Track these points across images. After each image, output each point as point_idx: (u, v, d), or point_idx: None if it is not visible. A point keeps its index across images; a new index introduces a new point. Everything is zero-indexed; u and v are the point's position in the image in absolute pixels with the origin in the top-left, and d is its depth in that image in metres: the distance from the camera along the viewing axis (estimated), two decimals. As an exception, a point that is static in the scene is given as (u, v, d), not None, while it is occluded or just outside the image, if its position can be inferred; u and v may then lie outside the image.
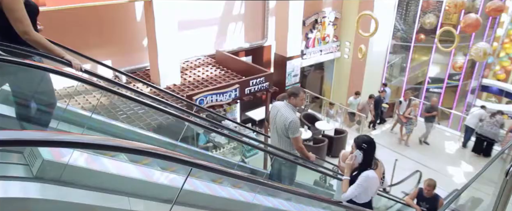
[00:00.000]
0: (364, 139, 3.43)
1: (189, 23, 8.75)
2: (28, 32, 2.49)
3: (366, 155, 3.40)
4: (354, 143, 3.43)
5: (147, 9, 7.26)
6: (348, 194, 3.41)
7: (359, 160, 3.40)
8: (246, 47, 10.21)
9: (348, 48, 13.11)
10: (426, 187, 5.58)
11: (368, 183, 3.39)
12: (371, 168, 3.43)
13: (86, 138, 1.52)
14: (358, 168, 3.47)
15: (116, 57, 8.01)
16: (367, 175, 3.38)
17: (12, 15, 2.43)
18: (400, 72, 14.26)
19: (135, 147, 1.62)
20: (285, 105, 4.33)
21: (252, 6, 9.95)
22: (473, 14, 9.83)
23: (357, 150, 3.38)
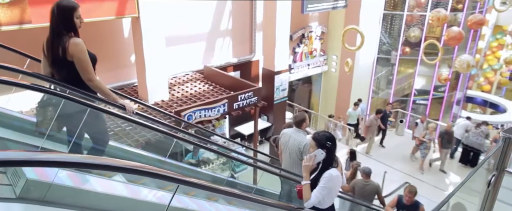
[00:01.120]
0: (326, 136, 3.09)
1: (176, 39, 8.78)
2: (92, 79, 2.97)
3: (329, 153, 3.08)
4: (314, 141, 3.06)
5: (134, 25, 7.27)
6: (313, 199, 3.03)
7: (320, 159, 3.07)
8: (234, 62, 10.25)
9: (335, 62, 13.28)
10: (407, 194, 5.40)
11: (332, 182, 3.07)
12: (333, 166, 3.12)
13: (70, 157, 1.50)
14: (318, 168, 3.14)
15: (103, 74, 7.91)
16: (330, 174, 3.04)
17: (80, 65, 2.88)
18: (387, 85, 14.45)
19: (121, 165, 1.60)
20: (295, 131, 4.77)
21: (239, 21, 10.05)
22: (455, 27, 10.10)
23: (319, 149, 3.03)
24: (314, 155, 3.03)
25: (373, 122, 10.93)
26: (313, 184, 3.08)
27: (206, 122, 7.73)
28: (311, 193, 3.03)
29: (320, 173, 3.09)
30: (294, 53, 12.15)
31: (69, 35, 2.88)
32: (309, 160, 3.06)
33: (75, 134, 3.04)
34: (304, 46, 12.35)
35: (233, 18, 9.89)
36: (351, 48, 9.89)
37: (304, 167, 3.07)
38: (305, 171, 3.08)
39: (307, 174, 3.08)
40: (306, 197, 3.03)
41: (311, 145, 3.08)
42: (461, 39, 9.59)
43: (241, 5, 9.91)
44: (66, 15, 2.88)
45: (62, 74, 2.94)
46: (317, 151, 3.02)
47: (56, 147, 3.08)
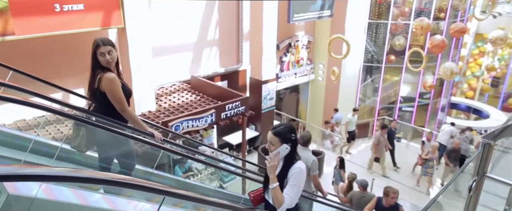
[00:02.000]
0: (289, 127, 2.79)
1: (163, 49, 8.76)
2: (125, 110, 3.24)
3: (293, 147, 2.76)
4: (277, 137, 2.71)
5: (120, 36, 7.24)
6: (288, 201, 2.69)
7: (284, 155, 2.74)
8: (221, 72, 10.26)
9: (322, 71, 13.40)
10: (391, 195, 5.29)
11: (303, 176, 2.78)
12: (296, 159, 2.81)
13: (53, 171, 1.48)
14: (282, 165, 2.80)
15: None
16: (299, 168, 2.74)
17: (112, 97, 3.17)
18: (373, 93, 14.62)
19: (105, 178, 1.58)
20: (302, 149, 4.99)
21: (226, 31, 10.09)
22: (438, 35, 10.31)
23: (284, 144, 2.70)
24: (278, 152, 2.69)
25: (380, 139, 10.34)
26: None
27: (194, 132, 7.69)
28: (283, 195, 2.68)
29: (284, 170, 2.76)
30: (281, 62, 12.23)
31: (104, 70, 3.22)
32: (273, 158, 2.69)
33: (104, 155, 3.45)
34: (291, 55, 12.45)
35: (220, 28, 9.93)
36: (337, 57, 10.01)
37: (270, 168, 2.70)
38: (272, 172, 2.71)
39: (274, 176, 2.72)
40: (280, 200, 2.67)
41: (272, 142, 2.72)
42: (444, 47, 9.79)
43: (227, 15, 9.96)
44: (93, 51, 3.26)
45: (96, 103, 3.32)
46: (281, 146, 2.69)
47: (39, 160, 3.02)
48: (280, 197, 2.67)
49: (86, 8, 6.35)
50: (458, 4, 13.12)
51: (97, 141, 3.40)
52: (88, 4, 6.35)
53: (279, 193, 2.68)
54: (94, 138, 3.33)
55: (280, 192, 2.68)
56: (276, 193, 2.68)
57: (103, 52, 3.22)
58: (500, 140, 3.42)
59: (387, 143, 10.45)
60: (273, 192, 2.69)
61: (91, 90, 3.28)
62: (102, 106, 3.25)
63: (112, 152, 3.45)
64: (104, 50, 3.22)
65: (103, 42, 3.24)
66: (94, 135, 3.27)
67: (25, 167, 1.78)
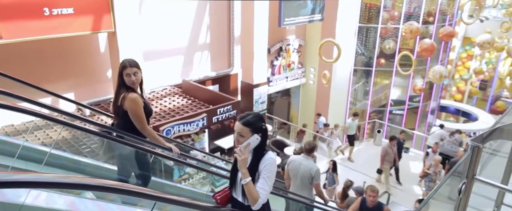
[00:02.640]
0: (259, 116, 2.57)
1: (154, 53, 8.72)
2: (144, 128, 3.42)
3: (264, 137, 2.53)
4: (247, 127, 2.46)
5: (111, 40, 7.20)
6: (264, 196, 2.45)
7: (254, 146, 2.49)
8: (212, 76, 10.25)
9: (313, 74, 13.45)
10: (370, 194, 5.09)
11: (275, 167, 2.56)
12: (269, 150, 2.60)
13: (41, 177, 1.45)
14: (252, 157, 2.55)
15: (79, 90, 7.80)
16: (272, 158, 2.51)
17: (133, 117, 3.35)
18: (364, 96, 14.73)
19: (95, 184, 1.56)
20: (304, 158, 5.15)
21: (217, 35, 10.09)
22: (427, 39, 10.43)
23: (255, 134, 2.46)
24: (248, 143, 2.44)
25: (388, 151, 9.78)
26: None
27: (185, 136, 7.65)
28: (256, 190, 2.44)
29: (254, 162, 2.52)
30: (272, 66, 12.25)
31: (128, 90, 3.38)
32: (244, 151, 2.43)
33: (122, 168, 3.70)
34: (282, 59, 12.49)
35: (211, 32, 9.93)
36: (328, 61, 10.05)
37: (241, 162, 2.42)
38: (243, 166, 2.43)
39: (246, 170, 2.45)
40: (254, 196, 2.41)
41: (242, 133, 2.47)
42: (433, 50, 9.89)
43: (218, 19, 9.97)
44: (120, 71, 3.41)
45: (119, 120, 3.49)
46: (251, 137, 2.45)
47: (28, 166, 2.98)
48: (255, 192, 2.41)
49: (76, 12, 6.30)
50: (446, 9, 13.30)
51: (118, 154, 3.65)
52: (78, 8, 6.31)
53: (253, 189, 2.41)
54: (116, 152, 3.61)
55: (254, 187, 2.42)
56: (249, 189, 2.41)
57: (129, 73, 3.38)
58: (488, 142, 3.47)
59: (396, 156, 9.89)
60: (246, 188, 2.42)
61: (115, 107, 3.46)
62: (124, 123, 3.44)
63: (131, 165, 3.68)
64: (130, 71, 3.38)
65: (130, 63, 3.42)
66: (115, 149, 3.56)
67: (13, 174, 1.75)
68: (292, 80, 13.19)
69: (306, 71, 13.57)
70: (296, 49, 12.86)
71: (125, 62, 3.43)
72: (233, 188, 2.59)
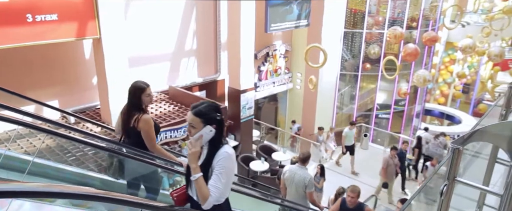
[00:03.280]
0: (214, 106, 2.35)
1: (140, 60, 8.66)
2: (154, 146, 3.57)
3: (219, 128, 2.33)
4: (199, 117, 2.26)
5: (96, 47, 7.12)
6: (216, 194, 2.22)
7: (208, 139, 2.29)
8: (199, 82, 10.22)
9: (299, 79, 13.54)
10: (350, 194, 5.01)
11: (232, 163, 2.34)
12: (223, 144, 2.36)
13: (23, 186, 1.43)
14: (207, 152, 2.34)
15: (63, 97, 7.69)
16: (227, 153, 2.29)
17: (146, 137, 3.49)
18: (350, 100, 14.87)
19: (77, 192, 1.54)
20: (299, 168, 5.39)
21: (204, 41, 10.08)
22: (411, 44, 10.61)
23: (207, 125, 2.25)
24: (200, 136, 2.23)
25: (389, 162, 9.44)
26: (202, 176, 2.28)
27: (172, 143, 7.60)
28: (208, 187, 2.23)
29: (208, 157, 2.31)
30: (259, 71, 12.29)
31: (141, 111, 3.50)
32: (195, 144, 2.23)
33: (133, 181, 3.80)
34: (269, 65, 12.54)
35: (198, 38, 9.92)
36: (314, 66, 10.13)
37: (191, 156, 2.23)
38: (194, 160, 2.24)
39: (197, 165, 2.24)
40: (204, 194, 2.19)
41: (193, 124, 2.26)
42: (417, 55, 10.05)
43: (205, 25, 9.97)
44: (138, 93, 3.52)
45: (130, 138, 3.59)
46: (204, 129, 2.24)
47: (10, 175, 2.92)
48: (205, 190, 2.19)
49: (60, 18, 6.22)
50: (429, 14, 13.57)
51: (128, 169, 3.77)
52: (62, 14, 6.23)
53: (203, 186, 2.20)
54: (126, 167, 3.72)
55: (205, 184, 2.21)
56: (199, 185, 2.20)
57: (149, 93, 3.55)
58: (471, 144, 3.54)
59: (397, 167, 9.58)
60: (196, 185, 2.22)
61: (125, 128, 3.55)
62: (138, 142, 3.55)
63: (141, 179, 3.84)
64: (150, 91, 3.56)
65: (146, 84, 3.59)
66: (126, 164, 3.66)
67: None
68: (279, 85, 13.25)
69: (293, 77, 13.65)
70: (283, 54, 12.93)
71: (142, 84, 3.56)
72: (189, 186, 2.39)
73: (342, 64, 13.81)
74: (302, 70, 13.25)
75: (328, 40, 12.39)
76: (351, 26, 13.42)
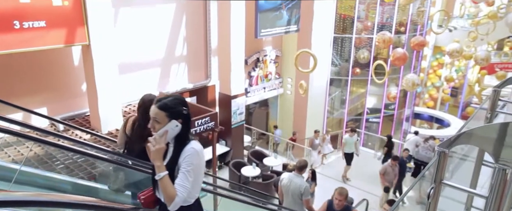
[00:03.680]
0: (179, 99, 2.23)
1: (130, 66, 8.63)
2: None
3: (186, 123, 2.19)
4: (163, 111, 2.12)
5: (85, 53, 7.08)
6: (182, 193, 2.07)
7: (174, 134, 2.15)
8: (190, 88, 10.20)
9: (290, 84, 13.60)
10: (337, 197, 4.88)
11: (199, 160, 2.18)
12: (191, 139, 2.23)
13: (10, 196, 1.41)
14: (173, 149, 2.21)
15: (52, 104, 7.61)
16: (194, 149, 2.14)
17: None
18: (341, 105, 14.97)
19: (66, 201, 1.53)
20: (295, 176, 5.54)
21: (194, 47, 10.08)
22: (400, 48, 10.74)
23: (173, 120, 2.12)
24: (165, 131, 2.10)
25: (388, 170, 9.29)
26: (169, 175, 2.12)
27: (163, 149, 7.54)
28: (175, 186, 2.08)
29: (174, 155, 2.17)
30: (250, 77, 12.32)
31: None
32: (159, 140, 2.08)
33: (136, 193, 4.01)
34: (259, 70, 12.58)
35: (188, 43, 9.92)
36: (304, 71, 10.19)
37: (155, 153, 2.08)
38: (158, 158, 2.08)
39: (162, 163, 2.09)
40: (169, 194, 2.04)
41: (157, 118, 2.13)
42: (406, 59, 10.19)
43: (195, 31, 9.98)
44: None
45: (134, 154, 3.63)
46: (169, 124, 2.11)
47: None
48: (170, 189, 2.04)
49: (48, 25, 6.18)
50: (417, 19, 13.77)
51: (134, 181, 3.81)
52: (50, 21, 6.18)
53: (169, 185, 2.04)
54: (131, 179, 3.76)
55: (170, 183, 2.06)
56: (164, 185, 2.05)
57: None
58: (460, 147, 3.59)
59: (396, 176, 9.33)
60: (160, 184, 2.07)
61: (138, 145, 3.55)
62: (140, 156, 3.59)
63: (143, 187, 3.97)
64: None
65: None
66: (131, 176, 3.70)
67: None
68: (269, 90, 13.28)
69: (284, 82, 13.70)
70: (273, 60, 12.99)
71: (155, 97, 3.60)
72: (156, 187, 2.23)
73: (332, 69, 13.92)
74: (292, 76, 13.31)
75: (318, 45, 12.48)
76: (340, 31, 13.54)
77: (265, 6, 10.66)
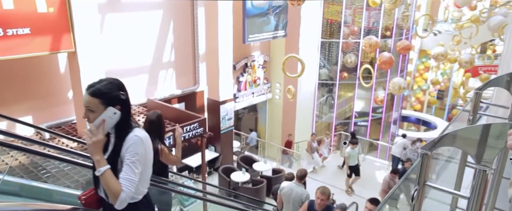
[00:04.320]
0: (113, 83, 1.97)
1: (117, 73, 8.54)
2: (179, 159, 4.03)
3: (125, 109, 1.96)
4: (96, 98, 1.88)
5: (71, 60, 7.00)
6: (129, 188, 1.82)
7: (113, 123, 1.91)
8: (178, 94, 10.16)
9: (278, 89, 13.64)
10: (319, 196, 4.72)
11: (145, 150, 1.94)
12: (134, 126, 1.99)
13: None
14: (114, 140, 1.96)
15: (38, 112, 7.50)
16: (138, 137, 1.91)
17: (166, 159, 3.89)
18: (329, 109, 15.06)
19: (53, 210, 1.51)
20: (296, 185, 5.70)
21: (182, 53, 10.06)
22: (386, 52, 10.88)
23: (109, 107, 1.88)
24: (102, 120, 1.85)
25: (390, 184, 8.93)
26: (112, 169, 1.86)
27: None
28: (119, 182, 1.82)
29: (116, 146, 1.93)
30: (238, 82, 12.32)
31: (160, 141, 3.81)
32: (95, 131, 1.83)
33: None
34: (247, 75, 12.60)
35: (176, 50, 9.89)
36: (292, 76, 10.25)
37: (93, 146, 1.82)
38: (97, 151, 1.83)
39: (101, 156, 1.84)
40: (114, 190, 1.79)
41: (91, 107, 1.88)
42: (392, 63, 10.32)
43: (183, 37, 9.96)
44: (159, 123, 3.88)
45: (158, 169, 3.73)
46: (106, 112, 1.87)
47: None
48: (114, 185, 1.79)
49: (33, 32, 6.10)
50: (402, 23, 13.98)
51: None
52: (35, 28, 6.11)
53: (112, 180, 1.79)
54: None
55: (114, 178, 1.81)
56: (106, 180, 1.79)
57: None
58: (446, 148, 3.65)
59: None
60: (102, 180, 1.81)
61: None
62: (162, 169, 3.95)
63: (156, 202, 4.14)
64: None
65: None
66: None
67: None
68: (258, 96, 13.31)
69: (272, 87, 13.75)
70: (261, 65, 13.03)
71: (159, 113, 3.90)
72: (98, 184, 1.98)
73: (320, 73, 14.02)
74: (281, 81, 13.37)
75: (306, 50, 12.57)
76: (327, 36, 13.66)
77: (252, 11, 10.72)
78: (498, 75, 2.35)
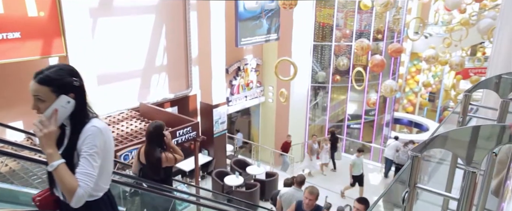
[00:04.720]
0: (64, 69, 1.79)
1: (109, 77, 8.51)
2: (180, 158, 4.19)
3: (80, 97, 1.80)
4: (45, 86, 1.73)
5: (62, 65, 6.94)
6: (87, 184, 1.64)
7: (67, 113, 1.73)
8: (171, 97, 10.13)
9: (271, 93, 13.66)
10: (307, 196, 4.57)
11: (107, 139, 1.79)
12: (93, 116, 1.85)
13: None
14: (70, 132, 1.78)
15: (29, 117, 7.41)
16: (94, 127, 1.74)
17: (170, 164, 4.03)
18: (322, 112, 15.11)
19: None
20: (296, 190, 5.84)
21: (174, 56, 10.04)
22: (378, 55, 10.98)
23: (62, 95, 1.72)
24: (54, 110, 1.67)
25: None
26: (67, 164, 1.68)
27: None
28: (75, 177, 1.63)
29: (72, 139, 1.74)
30: (231, 86, 12.32)
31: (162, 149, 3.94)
32: (46, 122, 1.65)
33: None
34: (240, 79, 12.60)
35: (168, 53, 9.87)
36: (285, 79, 10.28)
37: (45, 138, 1.63)
38: (49, 144, 1.63)
39: (55, 149, 1.64)
40: (70, 185, 1.60)
41: (40, 96, 1.73)
42: (384, 66, 10.42)
43: (175, 41, 9.94)
44: (159, 133, 3.94)
45: (156, 175, 3.97)
46: (58, 101, 1.70)
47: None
48: (69, 180, 1.60)
49: (24, 36, 6.06)
50: (393, 26, 14.11)
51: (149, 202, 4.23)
52: (26, 32, 6.07)
53: (67, 175, 1.61)
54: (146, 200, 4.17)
55: (69, 172, 1.62)
56: (60, 176, 1.60)
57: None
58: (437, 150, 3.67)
59: None
60: (56, 175, 1.61)
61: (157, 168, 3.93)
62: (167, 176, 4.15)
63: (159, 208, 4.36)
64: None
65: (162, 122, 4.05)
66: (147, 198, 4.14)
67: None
68: (251, 99, 13.31)
69: (265, 90, 13.76)
70: (254, 68, 13.04)
71: (162, 124, 4.00)
72: (53, 182, 1.79)
73: (313, 76, 14.07)
74: (274, 84, 13.39)
75: (298, 53, 12.62)
76: (320, 39, 13.73)
77: (245, 15, 10.74)
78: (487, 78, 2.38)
